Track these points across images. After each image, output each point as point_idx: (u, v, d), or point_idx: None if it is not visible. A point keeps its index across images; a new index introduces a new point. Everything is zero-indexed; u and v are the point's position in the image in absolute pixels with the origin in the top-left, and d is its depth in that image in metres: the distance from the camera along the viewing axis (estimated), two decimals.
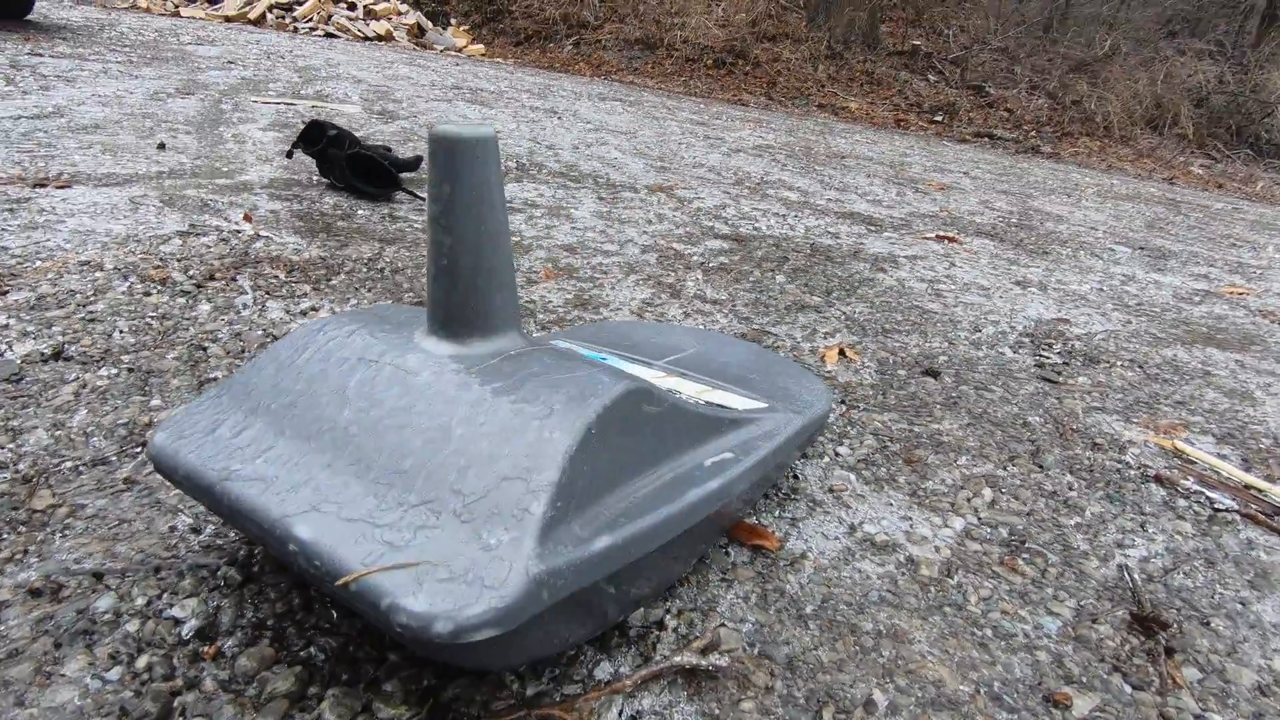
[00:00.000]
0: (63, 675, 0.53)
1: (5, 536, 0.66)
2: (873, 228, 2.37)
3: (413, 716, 0.53)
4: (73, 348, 0.98)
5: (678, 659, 0.61)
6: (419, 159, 2.12)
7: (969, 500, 0.93)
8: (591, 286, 1.49)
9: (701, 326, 1.37)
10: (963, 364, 1.36)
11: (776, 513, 0.84)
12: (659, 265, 1.69)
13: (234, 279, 1.26)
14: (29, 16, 4.59)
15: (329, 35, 8.15)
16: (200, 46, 4.57)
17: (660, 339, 1.05)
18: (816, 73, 7.89)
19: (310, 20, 8.37)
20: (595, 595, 0.54)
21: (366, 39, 8.37)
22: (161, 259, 1.30)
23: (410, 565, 0.45)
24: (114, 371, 0.94)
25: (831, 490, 0.90)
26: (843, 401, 1.15)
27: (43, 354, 0.95)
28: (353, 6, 8.84)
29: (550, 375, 0.58)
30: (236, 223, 1.54)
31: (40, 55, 3.31)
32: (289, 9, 8.55)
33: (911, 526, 0.85)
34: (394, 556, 0.46)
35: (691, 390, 0.85)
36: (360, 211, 1.77)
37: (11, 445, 0.78)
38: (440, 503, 0.49)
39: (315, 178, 1.99)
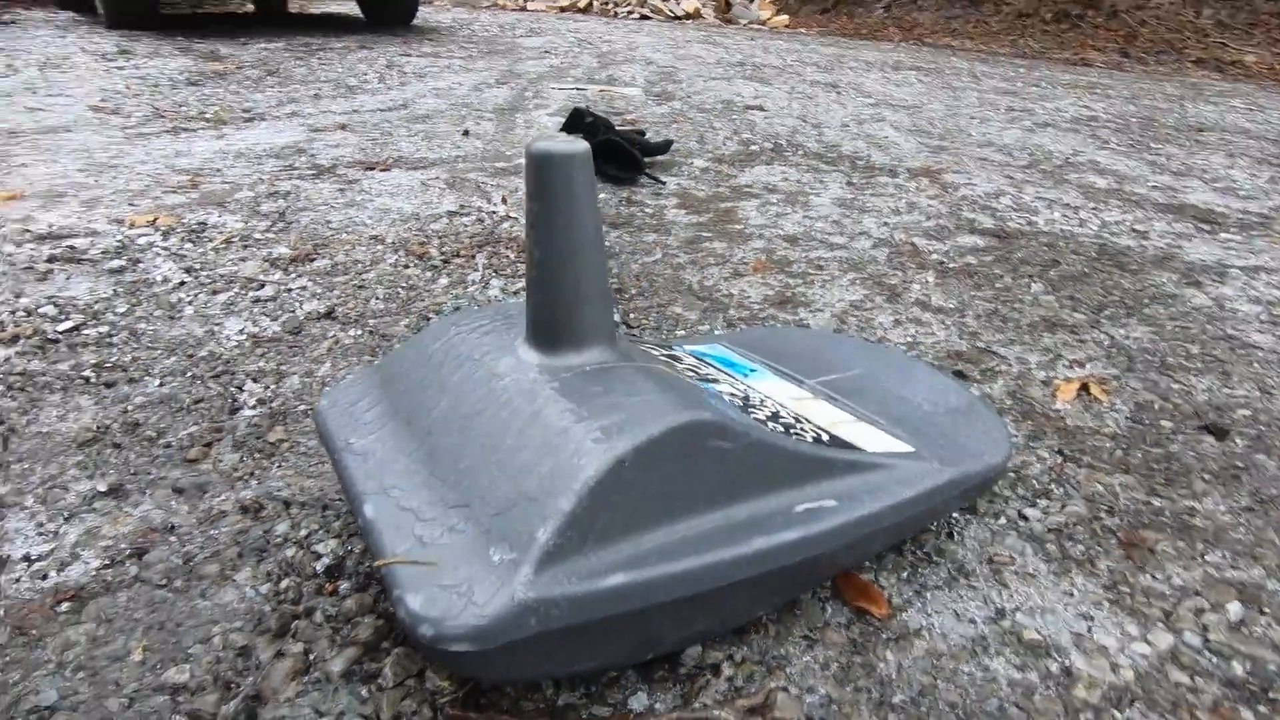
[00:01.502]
0: (233, 580, 0.68)
1: (244, 460, 0.86)
2: (1207, 226, 1.87)
3: (454, 692, 0.58)
4: (340, 309, 1.22)
5: (718, 712, 0.57)
6: (669, 143, 2.19)
7: (1199, 614, 0.71)
8: (800, 284, 1.41)
9: (910, 338, 1.22)
10: (1272, 425, 1.03)
11: (904, 574, 0.73)
12: (887, 263, 1.53)
13: (473, 257, 1.45)
14: (414, 21, 5.62)
15: (643, 18, 8.69)
16: (528, 38, 5.19)
17: (828, 353, 0.96)
18: (1199, 18, 6.34)
19: (629, 4, 8.98)
20: (624, 628, 0.53)
21: (675, 18, 8.75)
22: (426, 236, 1.53)
23: (426, 564, 0.49)
24: (359, 333, 1.15)
25: (991, 561, 0.75)
26: (1060, 451, 0.95)
27: (319, 313, 1.20)
28: None
29: (615, 396, 0.58)
30: (495, 204, 1.75)
31: (409, 55, 4.06)
32: None
33: (1089, 630, 0.68)
34: (418, 552, 0.51)
35: (825, 419, 0.77)
36: (602, 195, 1.88)
37: (274, 386, 1.00)
38: (473, 508, 0.53)
39: None
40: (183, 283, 1.26)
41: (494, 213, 1.70)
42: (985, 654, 0.65)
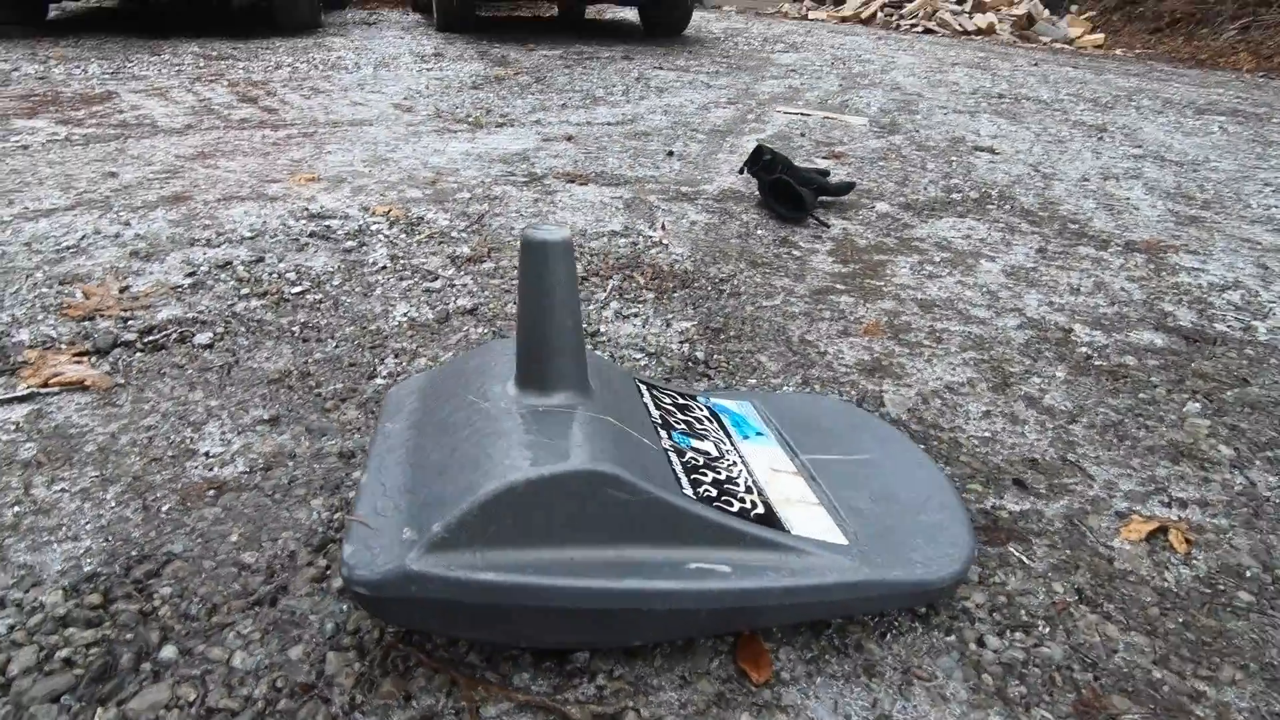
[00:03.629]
0: (309, 504, 0.95)
1: (359, 418, 1.13)
2: None
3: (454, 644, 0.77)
4: (482, 307, 1.48)
5: (572, 709, 0.70)
6: (850, 185, 2.19)
7: None
8: (905, 354, 1.40)
9: (989, 434, 1.17)
10: None
11: (808, 654, 0.78)
12: (1021, 348, 1.44)
13: (609, 278, 1.64)
14: (686, 30, 5.97)
15: (926, 31, 8.24)
16: (783, 54, 5.27)
17: (846, 434, 0.99)
18: None
19: (914, 17, 8.58)
20: (493, 616, 0.68)
21: (965, 33, 8.17)
22: (580, 252, 1.76)
23: (369, 526, 0.69)
24: (486, 331, 1.40)
25: (907, 671, 0.77)
26: (1079, 590, 0.89)
27: (466, 308, 1.48)
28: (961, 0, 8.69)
29: (545, 436, 0.72)
30: (655, 230, 1.93)
31: (660, 69, 4.38)
32: (898, 6, 8.90)
33: None
34: (370, 516, 0.70)
35: (781, 494, 0.83)
36: (760, 231, 1.97)
37: (407, 363, 1.29)
38: (415, 495, 0.71)
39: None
40: (384, 267, 1.62)
41: (650, 238, 1.88)
42: None
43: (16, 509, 0.90)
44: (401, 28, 5.63)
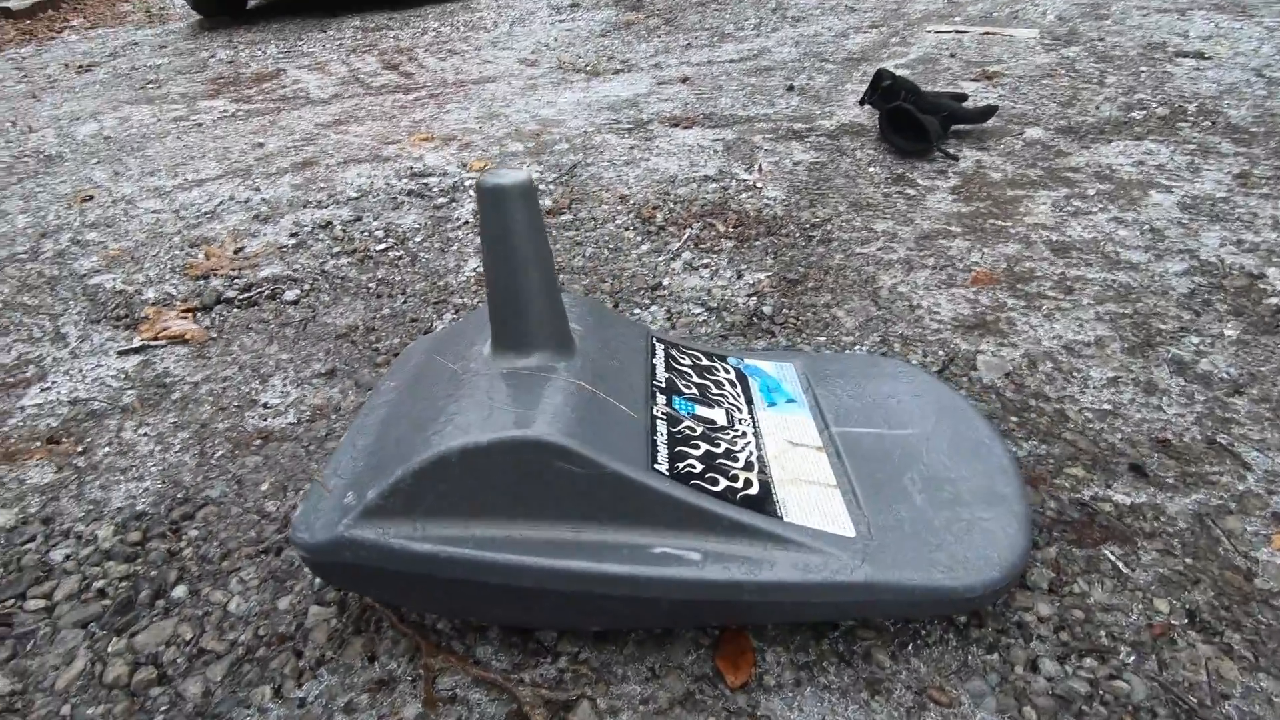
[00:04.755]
0: None
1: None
2: None
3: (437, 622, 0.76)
4: None
5: (524, 689, 0.66)
6: (991, 110, 1.87)
7: None
8: (1020, 307, 1.18)
9: (1110, 405, 0.95)
10: None
11: (801, 658, 0.67)
12: (1181, 299, 1.16)
13: (689, 226, 1.53)
14: None
15: None
16: None
17: (897, 405, 0.84)
18: None
19: None
20: (433, 587, 0.64)
21: None
22: (663, 200, 1.66)
23: (325, 489, 0.68)
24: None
25: (923, 692, 0.64)
26: (1190, 613, 0.69)
27: None
28: None
29: (504, 400, 0.67)
30: (750, 173, 1.78)
31: None
32: None
33: None
34: (333, 481, 0.69)
35: (790, 473, 0.72)
36: (873, 169, 1.75)
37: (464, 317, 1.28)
38: (370, 459, 0.69)
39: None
40: (466, 222, 1.63)
41: (743, 181, 1.73)
42: None
43: (106, 450, 1.02)
44: None
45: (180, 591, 0.79)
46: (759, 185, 1.70)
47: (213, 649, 0.72)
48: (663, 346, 0.88)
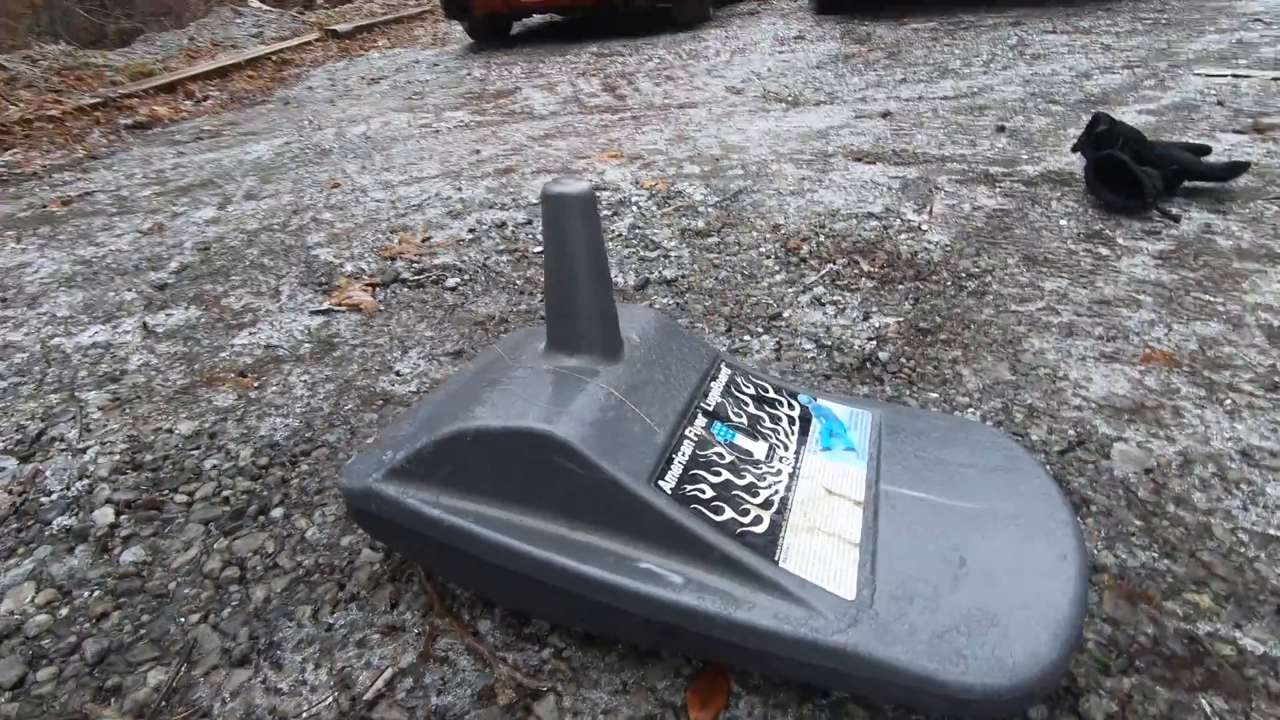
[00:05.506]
0: None
1: None
2: None
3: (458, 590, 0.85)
4: (682, 280, 1.47)
5: (503, 668, 0.69)
6: (1241, 166, 1.58)
7: None
8: (1194, 396, 0.99)
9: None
10: None
11: (772, 713, 0.62)
12: None
13: (830, 262, 1.48)
14: None
15: None
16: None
17: (972, 479, 0.75)
18: None
19: None
20: (438, 551, 0.70)
21: None
22: (814, 233, 1.61)
23: (378, 442, 0.77)
24: (672, 301, 1.39)
25: None
26: None
27: (667, 279, 1.48)
28: None
29: (533, 394, 0.71)
30: (920, 215, 1.66)
31: (1055, 32, 3.68)
32: None
33: None
34: (388, 441, 0.78)
35: (810, 522, 0.68)
36: (1066, 222, 1.56)
37: None
38: (417, 428, 0.76)
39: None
40: (619, 235, 1.71)
41: (908, 222, 1.63)
42: None
43: (273, 389, 1.22)
44: (781, 14, 5.72)
45: (278, 513, 0.93)
46: (924, 227, 1.59)
47: (282, 565, 0.84)
48: (729, 372, 0.87)
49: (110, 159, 3.03)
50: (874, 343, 1.19)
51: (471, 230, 1.81)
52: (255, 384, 1.23)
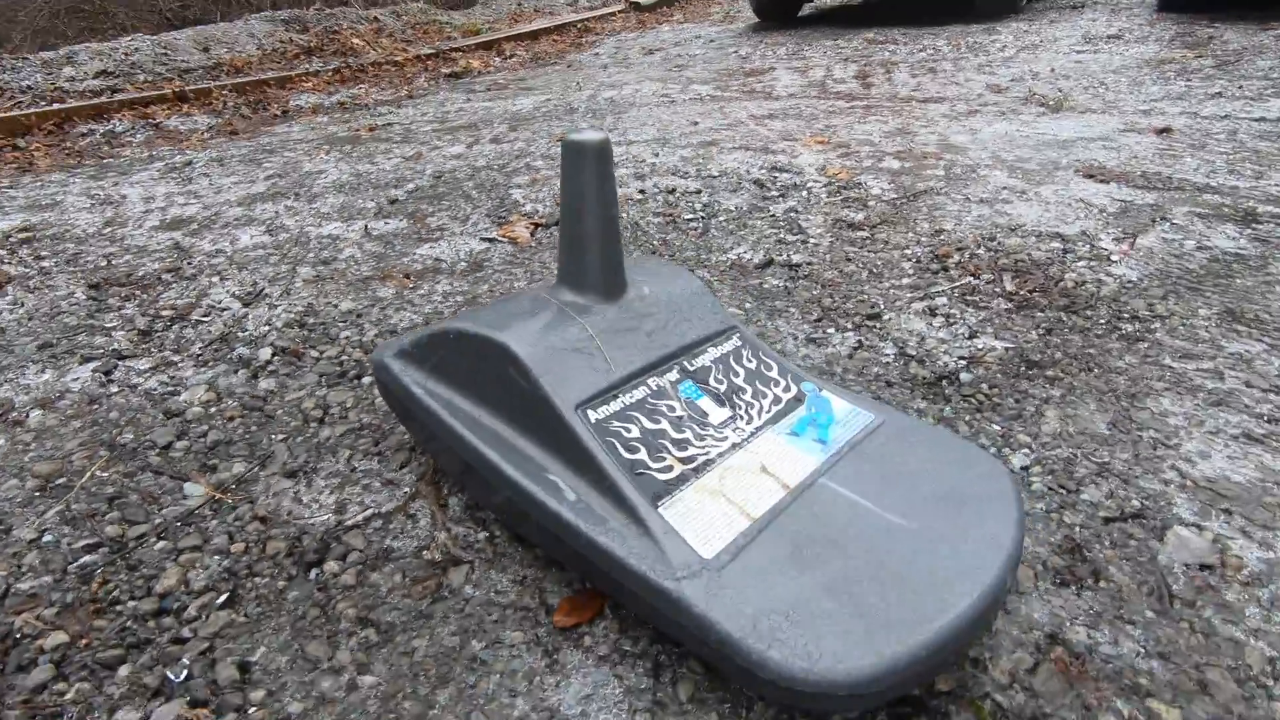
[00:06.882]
0: None
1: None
2: None
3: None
4: (807, 265, 1.44)
5: (450, 530, 0.80)
6: None
7: None
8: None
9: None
10: None
11: (621, 642, 0.66)
12: None
13: (974, 276, 1.34)
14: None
15: None
16: None
17: (930, 500, 0.69)
18: None
19: None
20: (421, 422, 0.82)
21: None
22: (980, 244, 1.46)
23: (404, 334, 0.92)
24: (784, 284, 1.38)
25: None
26: None
27: (792, 262, 1.46)
28: None
29: (521, 316, 0.80)
30: (1114, 247, 1.42)
31: None
32: None
33: None
34: (414, 332, 0.92)
35: (727, 490, 0.69)
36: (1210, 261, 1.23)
37: None
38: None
39: None
40: (772, 216, 1.70)
41: (1098, 250, 1.40)
42: None
43: (421, 292, 1.46)
44: (1111, 10, 4.93)
45: (367, 380, 1.14)
46: (1115, 258, 1.37)
47: (350, 418, 1.05)
48: (738, 344, 0.88)
49: (420, 100, 3.66)
50: (964, 363, 1.08)
51: (643, 191, 1.92)
52: (411, 285, 1.48)
